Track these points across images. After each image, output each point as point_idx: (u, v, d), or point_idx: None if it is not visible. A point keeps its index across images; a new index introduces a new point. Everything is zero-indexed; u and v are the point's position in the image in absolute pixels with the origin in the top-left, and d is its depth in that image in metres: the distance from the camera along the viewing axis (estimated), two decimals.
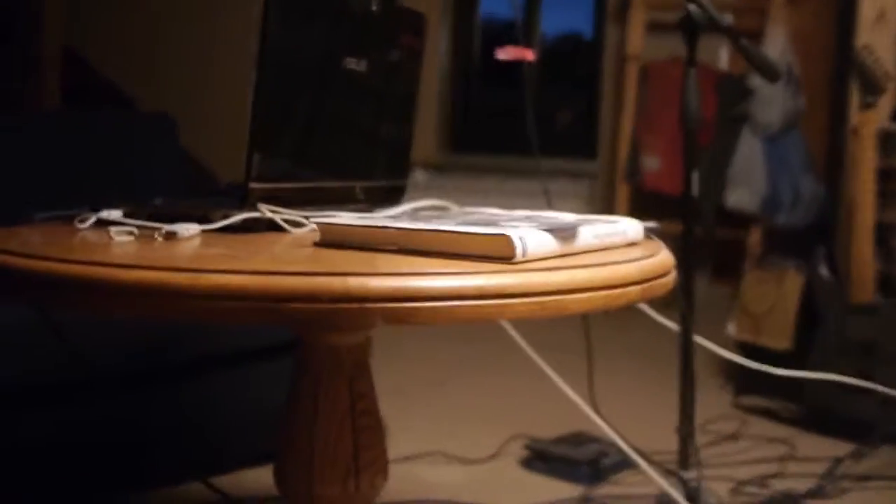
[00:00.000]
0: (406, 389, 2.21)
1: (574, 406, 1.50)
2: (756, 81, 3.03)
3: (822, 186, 3.13)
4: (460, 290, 0.57)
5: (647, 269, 0.71)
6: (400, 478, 1.66)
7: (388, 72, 1.06)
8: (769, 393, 2.11)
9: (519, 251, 0.63)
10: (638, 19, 3.44)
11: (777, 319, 2.10)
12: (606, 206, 3.58)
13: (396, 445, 1.74)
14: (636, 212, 3.45)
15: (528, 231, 0.65)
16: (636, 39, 3.45)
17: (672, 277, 0.77)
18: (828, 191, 3.11)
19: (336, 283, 0.54)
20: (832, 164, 3.14)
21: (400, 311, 0.55)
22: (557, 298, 0.61)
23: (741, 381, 2.20)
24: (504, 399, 2.21)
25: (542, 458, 1.69)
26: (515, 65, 4.31)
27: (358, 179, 1.02)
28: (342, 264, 0.61)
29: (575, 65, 4.34)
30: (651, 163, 3.34)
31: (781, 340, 2.09)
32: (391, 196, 1.11)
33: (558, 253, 0.68)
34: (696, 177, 1.22)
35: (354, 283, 0.55)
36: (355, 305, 0.54)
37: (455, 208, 1.02)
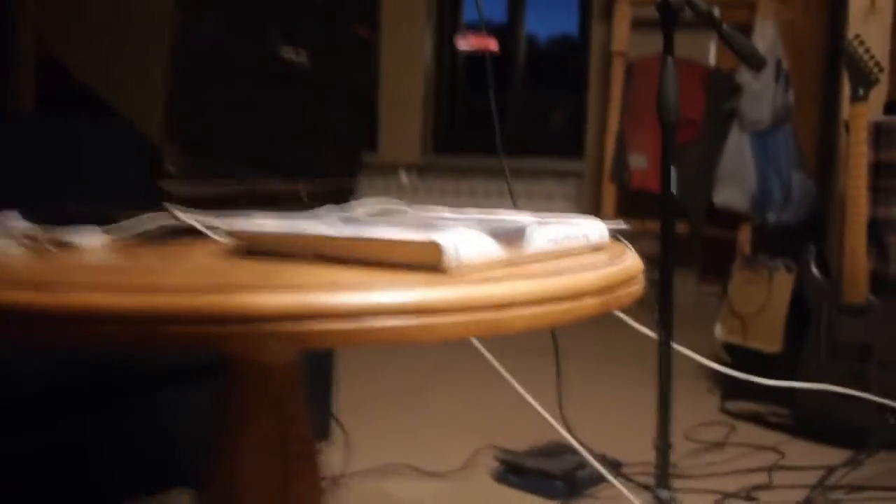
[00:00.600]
0: (373, 398, 2.13)
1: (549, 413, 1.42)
2: (745, 77, 2.95)
3: (813, 183, 3.05)
4: (375, 306, 0.48)
5: (609, 278, 0.63)
6: (366, 493, 1.57)
7: (334, 63, 0.98)
8: (758, 397, 2.03)
9: (451, 259, 0.55)
10: (623, 16, 3.36)
11: (766, 321, 2.02)
12: (593, 206, 3.50)
13: (363, 458, 1.66)
14: (623, 211, 3.39)
15: (466, 236, 0.57)
16: (621, 36, 3.37)
17: (638, 287, 0.69)
18: (819, 187, 3.03)
19: (221, 302, 0.45)
20: (824, 160, 3.07)
21: (298, 334, 0.46)
22: (494, 315, 0.52)
23: (728, 385, 2.12)
24: (474, 406, 2.13)
25: (514, 471, 1.61)
26: (501, 67, 4.23)
27: (300, 179, 0.93)
28: (241, 277, 0.52)
29: (566, 66, 4.29)
30: (638, 161, 3.26)
31: (771, 343, 2.01)
32: (341, 197, 1.03)
33: (503, 261, 0.60)
34: (674, 172, 1.14)
35: (243, 300, 0.46)
36: (244, 328, 0.45)
37: (409, 210, 0.93)
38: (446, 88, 4.38)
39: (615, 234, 0.81)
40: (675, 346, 1.27)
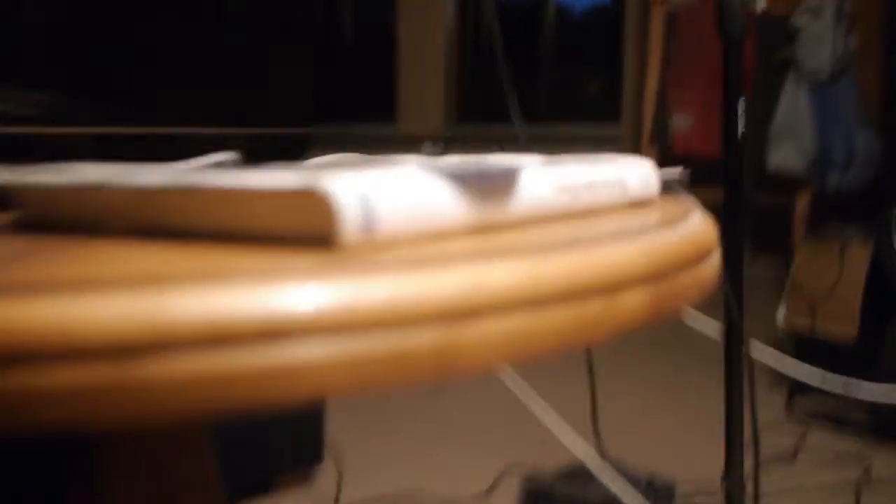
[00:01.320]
0: (385, 413, 1.84)
1: (581, 427, 1.14)
2: (802, 20, 2.61)
3: (880, 141, 2.71)
4: (166, 330, 0.21)
5: (664, 253, 0.34)
6: None
7: None
8: (832, 393, 1.72)
9: (350, 222, 0.27)
10: None
11: (839, 301, 1.71)
12: None
13: (373, 483, 1.41)
14: None
15: (388, 178, 0.29)
16: None
17: (712, 268, 0.40)
18: (887, 146, 2.69)
19: None
20: (891, 115, 2.73)
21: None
22: (439, 337, 0.25)
23: (796, 379, 1.82)
24: (494, 421, 1.84)
25: (543, 499, 1.32)
26: (531, 37, 3.96)
27: (213, 125, 0.66)
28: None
29: (600, 37, 4.02)
30: (682, 121, 2.94)
31: (845, 326, 1.70)
32: (295, 151, 0.76)
33: (466, 224, 0.32)
34: (741, 108, 0.85)
35: None
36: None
37: (372, 159, 0.65)
38: (471, 56, 4.09)
39: (670, 185, 0.52)
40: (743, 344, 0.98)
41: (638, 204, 0.44)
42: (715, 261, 0.40)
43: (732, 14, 0.83)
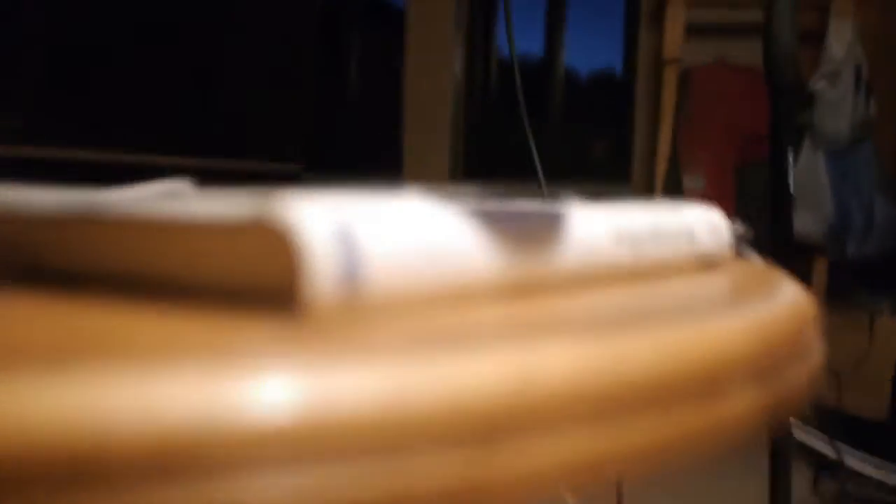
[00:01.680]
0: None
1: None
2: (820, 85, 2.54)
3: None
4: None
5: (774, 333, 0.24)
6: None
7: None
8: (862, 475, 1.60)
9: (323, 274, 0.17)
10: (676, 18, 2.98)
11: (869, 375, 1.60)
12: None
13: None
14: None
15: (388, 210, 0.19)
16: (674, 41, 2.98)
17: (818, 356, 0.30)
18: None
19: None
20: None
21: None
22: (453, 468, 0.15)
23: (823, 459, 1.70)
24: None
25: None
26: (538, 100, 3.93)
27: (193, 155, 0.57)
28: None
29: (608, 101, 3.99)
30: (694, 182, 2.86)
31: (876, 401, 1.59)
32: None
33: (502, 282, 0.22)
34: (790, 160, 0.75)
35: None
36: None
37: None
38: (477, 113, 4.05)
39: (738, 240, 0.42)
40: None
41: (709, 262, 0.34)
42: (821, 344, 0.30)
43: (782, 61, 0.74)
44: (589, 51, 4.06)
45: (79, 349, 0.15)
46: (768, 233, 0.82)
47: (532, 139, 0.89)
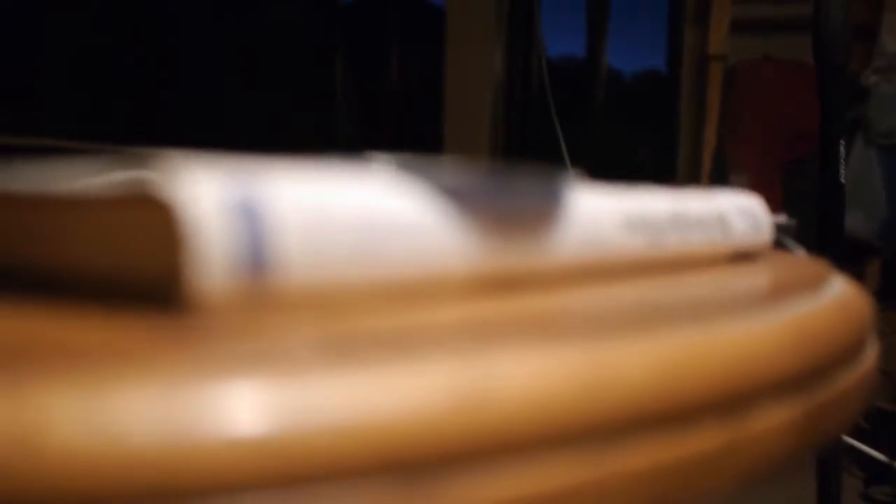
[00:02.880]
0: None
1: None
2: (873, 79, 2.45)
3: None
4: None
5: (814, 338, 0.20)
6: None
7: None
8: None
9: (217, 257, 0.13)
10: (721, 14, 2.90)
11: None
12: None
13: None
14: None
15: (307, 178, 0.15)
16: (719, 38, 2.91)
17: (874, 357, 0.25)
18: None
19: None
20: None
21: None
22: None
23: (872, 464, 1.62)
24: None
25: None
26: (577, 94, 3.87)
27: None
28: None
29: (653, 97, 3.93)
30: (740, 181, 2.78)
31: None
32: None
33: (473, 276, 0.18)
34: (841, 154, 0.69)
35: None
36: None
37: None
38: (518, 112, 4.00)
39: (780, 234, 0.37)
40: None
41: (743, 254, 0.30)
42: (875, 349, 0.25)
43: (831, 38, 0.68)
44: (632, 50, 4.00)
45: None
46: (818, 231, 0.77)
47: (561, 135, 0.85)
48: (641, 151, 3.62)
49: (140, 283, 0.14)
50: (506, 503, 0.13)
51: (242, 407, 0.11)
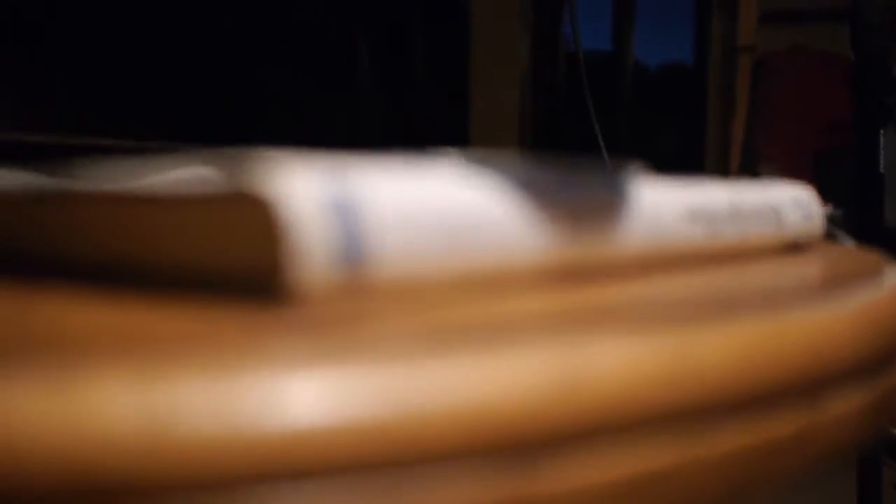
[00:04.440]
0: None
1: None
2: None
3: None
4: None
5: (883, 324, 0.20)
6: None
7: None
8: None
9: (317, 253, 0.14)
10: (750, 5, 2.88)
11: None
12: None
13: None
14: None
15: (399, 176, 0.15)
16: (748, 28, 2.88)
17: None
18: None
19: None
20: None
21: None
22: (484, 492, 0.12)
23: None
24: None
25: None
26: (605, 95, 3.86)
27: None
28: None
29: (679, 89, 3.91)
30: (768, 172, 2.76)
31: None
32: None
33: (548, 266, 0.18)
34: (880, 141, 0.69)
35: None
36: None
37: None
38: (544, 106, 4.00)
39: (831, 226, 0.38)
40: None
41: (798, 245, 0.30)
42: None
43: (869, 27, 0.68)
44: (658, 43, 3.98)
45: (6, 344, 0.12)
46: (857, 222, 0.76)
47: (598, 127, 0.85)
48: (669, 144, 3.59)
49: (239, 278, 0.14)
50: (600, 485, 0.13)
51: (353, 390, 0.12)
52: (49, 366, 0.11)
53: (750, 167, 2.82)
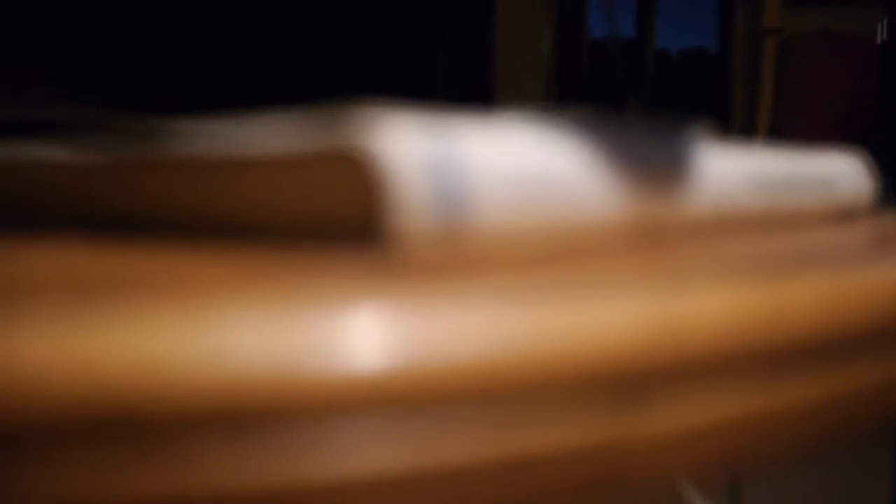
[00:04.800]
0: None
1: None
2: None
3: None
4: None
5: None
6: None
7: None
8: None
9: (416, 208, 0.14)
10: None
11: None
12: None
13: None
14: None
15: (492, 137, 0.16)
16: (773, 10, 2.86)
17: None
18: None
19: None
20: None
21: None
22: (587, 429, 0.12)
23: None
24: None
25: None
26: (628, 76, 3.84)
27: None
28: None
29: (702, 75, 3.89)
30: None
31: None
32: None
33: (624, 225, 0.19)
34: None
35: None
36: None
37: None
38: (567, 95, 3.99)
39: (887, 198, 0.38)
40: None
41: (850, 214, 0.31)
42: None
43: None
44: (682, 29, 3.96)
45: (128, 286, 0.12)
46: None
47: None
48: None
49: (342, 232, 0.15)
50: (698, 424, 0.14)
51: (456, 325, 0.12)
52: (171, 305, 0.11)
53: None
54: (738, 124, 3.16)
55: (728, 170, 0.23)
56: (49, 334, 0.10)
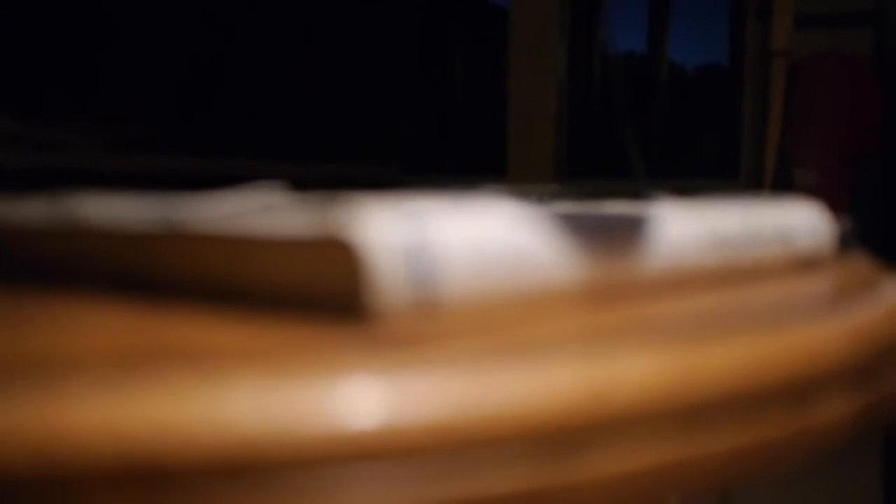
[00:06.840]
0: None
1: None
2: None
3: None
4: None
5: (871, 336, 0.23)
6: None
7: None
8: None
9: (392, 286, 0.17)
10: (785, 8, 2.88)
11: None
12: None
13: None
14: None
15: (463, 219, 0.19)
16: (783, 32, 2.88)
17: None
18: None
19: None
20: None
21: None
22: (524, 478, 0.15)
23: None
24: None
25: None
26: (641, 91, 3.86)
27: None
28: None
29: (715, 92, 3.91)
30: (806, 177, 2.76)
31: None
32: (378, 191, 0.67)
33: (583, 291, 0.21)
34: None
35: None
36: None
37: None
38: (582, 111, 4.01)
39: (845, 238, 0.40)
40: None
41: (808, 263, 0.33)
42: None
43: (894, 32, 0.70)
44: (694, 46, 3.98)
45: (154, 356, 0.15)
46: (885, 231, 0.78)
47: (632, 136, 0.88)
48: (705, 147, 3.57)
49: (335, 308, 0.18)
50: (622, 473, 0.17)
51: (421, 391, 0.15)
52: (192, 375, 0.14)
53: (785, 171, 2.82)
54: (749, 142, 3.18)
55: (685, 231, 0.26)
56: (88, 401, 0.13)
